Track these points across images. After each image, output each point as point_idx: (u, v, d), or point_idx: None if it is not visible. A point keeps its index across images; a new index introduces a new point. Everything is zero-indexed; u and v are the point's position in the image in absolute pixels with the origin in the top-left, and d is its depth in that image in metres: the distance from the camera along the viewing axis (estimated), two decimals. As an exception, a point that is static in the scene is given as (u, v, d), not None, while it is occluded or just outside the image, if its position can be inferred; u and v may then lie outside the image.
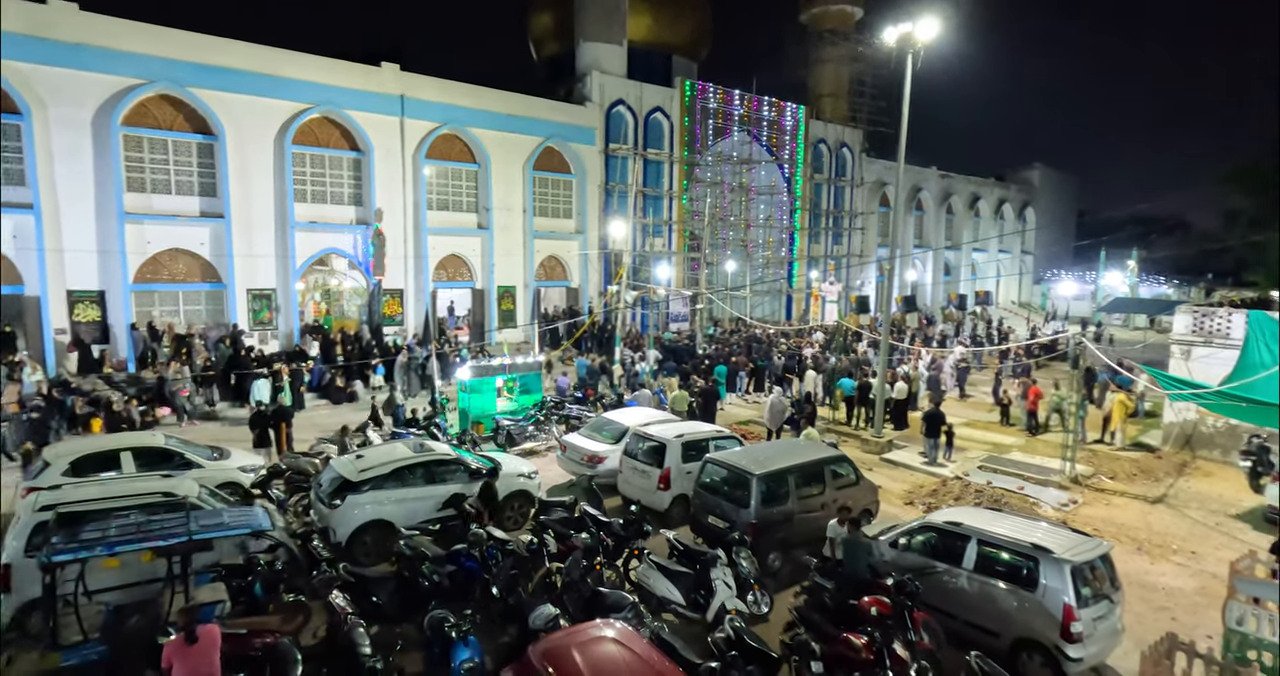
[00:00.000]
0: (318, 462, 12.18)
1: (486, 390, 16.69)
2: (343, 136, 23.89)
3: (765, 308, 38.29)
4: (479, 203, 27.34)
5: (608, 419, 14.06)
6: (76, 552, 6.59)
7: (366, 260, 24.32)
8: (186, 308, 21.66)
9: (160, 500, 8.46)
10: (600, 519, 9.96)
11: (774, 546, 9.82)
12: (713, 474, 10.62)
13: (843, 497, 10.53)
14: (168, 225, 20.68)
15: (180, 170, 21.01)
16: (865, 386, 18.42)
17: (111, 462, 10.80)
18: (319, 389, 19.83)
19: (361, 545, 9.74)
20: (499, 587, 8.21)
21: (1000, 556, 8.01)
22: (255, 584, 7.96)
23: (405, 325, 25.31)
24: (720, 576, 8.30)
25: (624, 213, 30.64)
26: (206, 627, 6.04)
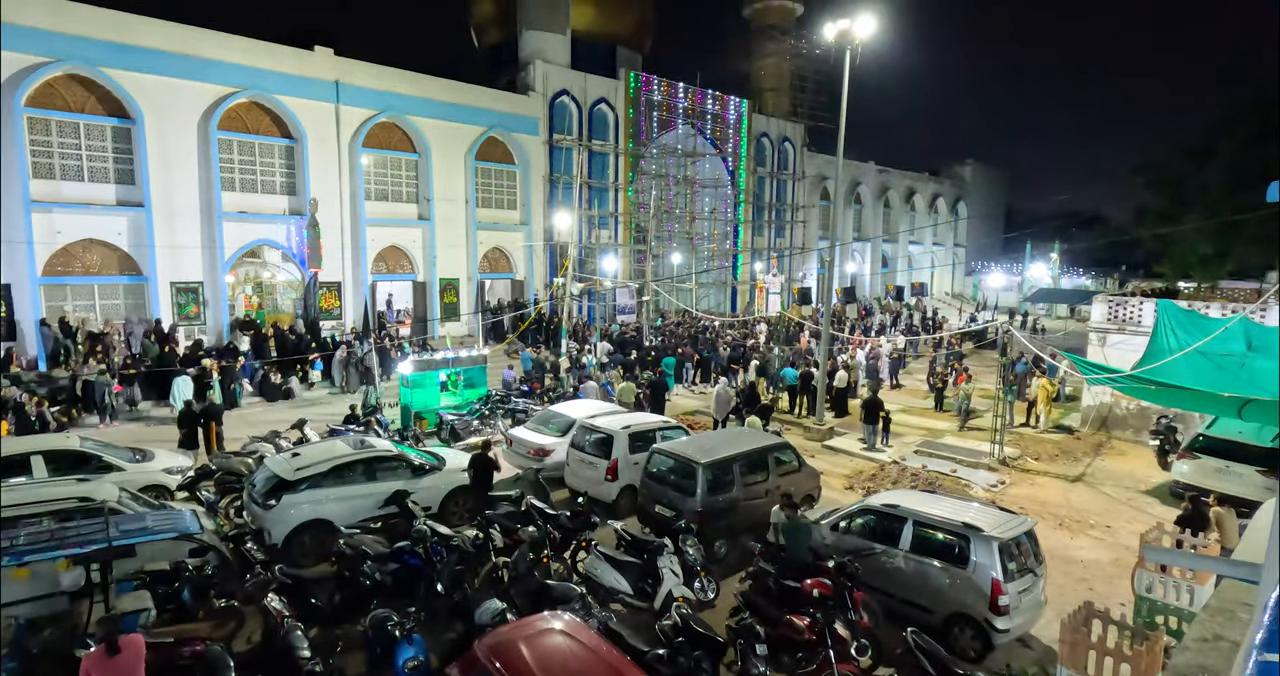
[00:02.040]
0: (250, 462, 11.70)
1: (429, 385, 16.34)
2: (273, 123, 22.90)
3: (711, 299, 38.71)
4: (419, 193, 26.67)
5: (554, 411, 13.97)
6: (-19, 563, 6.15)
7: (301, 252, 23.42)
8: (103, 301, 20.42)
9: (76, 506, 7.98)
10: (547, 511, 9.91)
11: (720, 533, 9.97)
12: (659, 464, 10.69)
13: (786, 484, 10.77)
14: (80, 214, 19.43)
15: (94, 156, 19.75)
16: (807, 375, 18.85)
17: (20, 467, 10.10)
18: (253, 386, 19.01)
19: (299, 545, 9.41)
20: (443, 584, 8.09)
21: (934, 536, 8.35)
22: (183, 590, 7.61)
23: (344, 319, 24.52)
24: (667, 565, 8.38)
25: (569, 204, 30.42)
26: (130, 637, 5.73)
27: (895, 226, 50.23)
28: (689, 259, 36.46)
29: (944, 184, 55.84)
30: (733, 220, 38.98)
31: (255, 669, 6.65)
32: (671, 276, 34.98)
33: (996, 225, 62.88)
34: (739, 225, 39.26)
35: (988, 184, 60.25)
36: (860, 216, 48.13)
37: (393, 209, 26.11)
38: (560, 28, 31.41)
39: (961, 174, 57.85)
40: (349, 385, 19.73)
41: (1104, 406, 17.44)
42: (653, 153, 34.61)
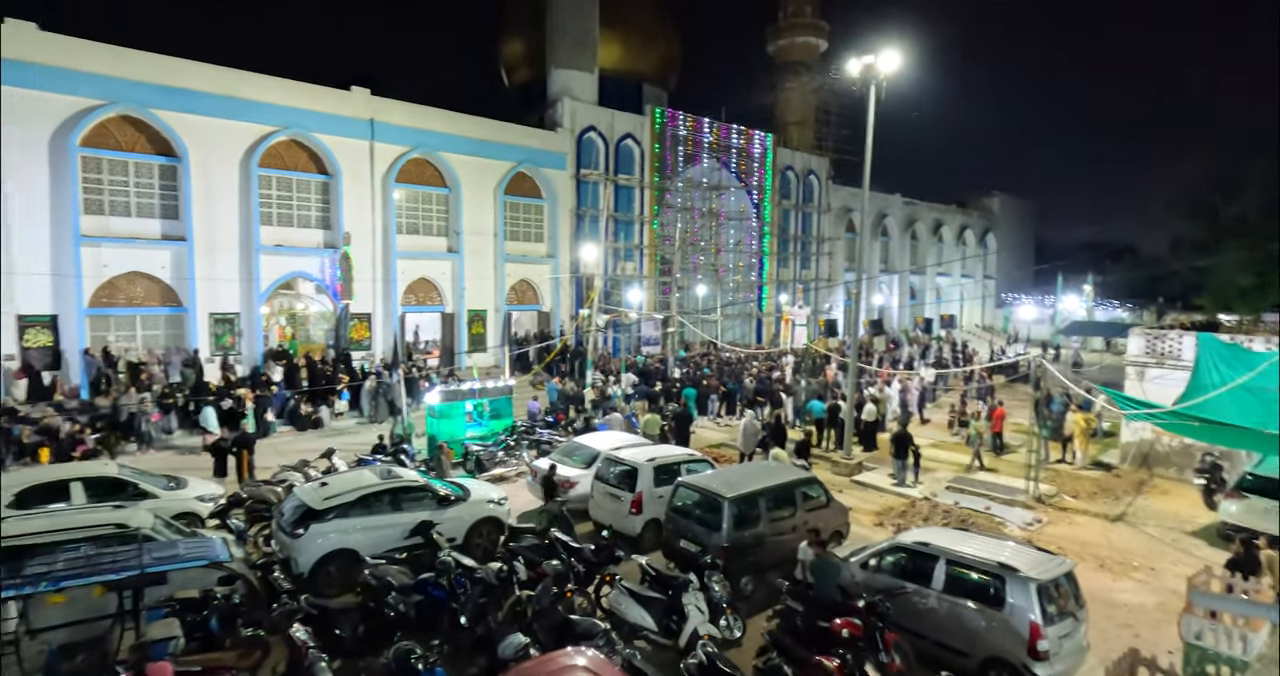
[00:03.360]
0: (280, 491, 11.83)
1: (456, 415, 16.47)
2: (311, 159, 23.73)
3: (736, 331, 38.64)
4: (449, 227, 27.27)
5: (579, 443, 13.95)
6: (20, 588, 6.28)
7: (334, 284, 24.00)
8: (144, 332, 21.07)
9: (112, 532, 8.14)
10: (571, 545, 9.82)
11: (746, 570, 9.78)
12: (685, 497, 10.58)
13: (813, 520, 10.56)
14: (126, 248, 20.21)
15: (141, 192, 20.62)
16: (834, 409, 18.62)
17: (60, 493, 10.37)
18: (283, 415, 19.34)
19: (325, 575, 9.44)
20: (467, 617, 8.03)
21: (968, 576, 8.09)
22: (211, 618, 7.64)
23: (374, 350, 24.93)
24: (693, 601, 8.23)
25: (595, 237, 30.82)
26: (158, 666, 5.79)
27: (922, 258, 49.91)
28: (714, 291, 36.55)
29: (972, 216, 55.50)
30: (758, 252, 39.11)
31: (279, 700, 6.64)
32: (696, 308, 35.05)
33: (1026, 257, 62.09)
34: (764, 257, 39.35)
35: (1016, 215, 59.73)
36: (887, 248, 47.95)
37: (423, 242, 26.71)
38: (588, 66, 32.28)
39: (989, 206, 57.48)
40: (377, 415, 19.98)
41: (1145, 443, 16.89)
42: (678, 186, 35.05)
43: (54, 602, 6.83)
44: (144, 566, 6.84)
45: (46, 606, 6.84)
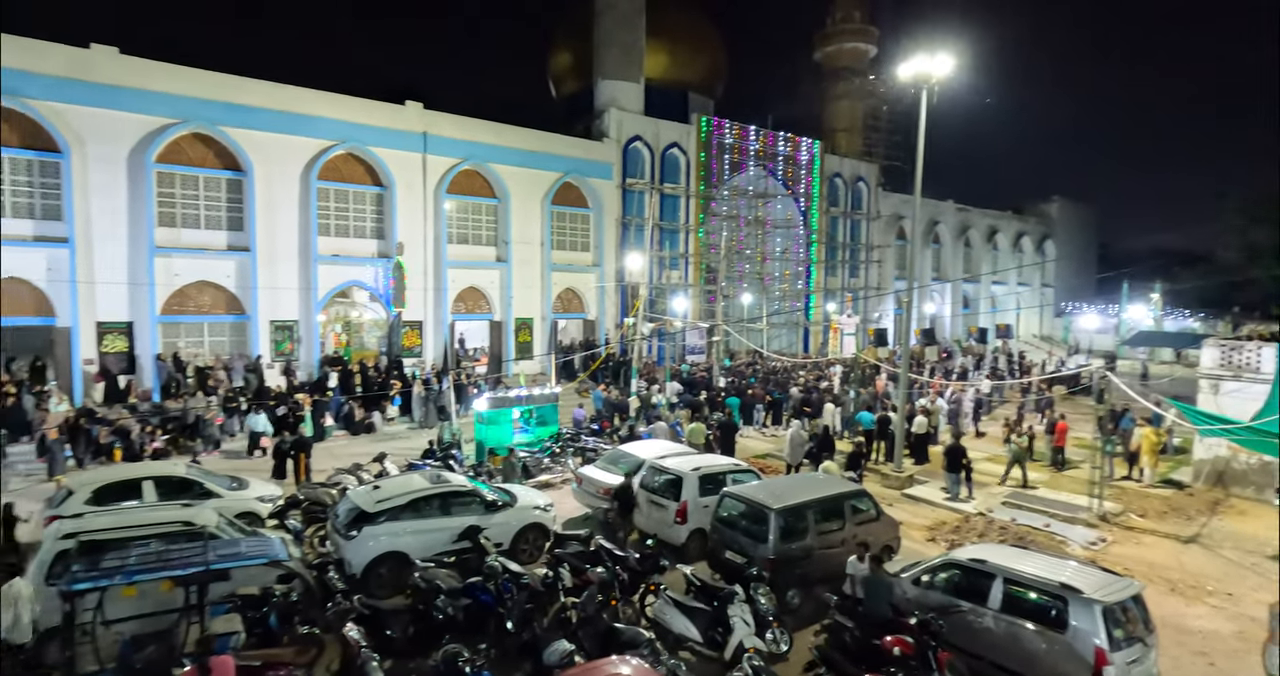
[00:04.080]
0: (335, 493, 12.19)
1: (503, 421, 16.71)
2: (366, 172, 24.53)
3: (782, 340, 38.19)
4: (498, 236, 27.79)
5: (623, 451, 13.97)
6: (96, 581, 6.62)
7: (387, 293, 24.70)
8: (211, 339, 22.07)
9: (180, 529, 8.52)
10: (616, 553, 9.83)
11: (793, 582, 9.62)
12: (730, 508, 10.48)
13: (863, 533, 10.31)
14: (196, 258, 21.23)
15: (210, 205, 21.65)
16: (885, 420, 18.20)
17: (133, 491, 10.91)
18: (338, 419, 19.95)
19: (377, 577, 9.66)
20: (513, 622, 8.11)
21: (1027, 595, 7.78)
22: (270, 615, 7.92)
23: (424, 356, 25.53)
24: (738, 613, 8.13)
25: (641, 246, 30.96)
26: (220, 659, 6.01)
27: (976, 266, 48.49)
28: (760, 299, 36.23)
29: (1029, 222, 53.69)
30: (805, 260, 38.65)
31: (332, 698, 6.82)
32: (742, 317, 34.81)
33: (1088, 264, 59.65)
34: (811, 265, 38.86)
35: (1077, 221, 57.48)
36: (939, 256, 46.78)
37: (472, 251, 27.28)
38: (634, 77, 32.57)
39: (1048, 211, 55.48)
40: (427, 420, 20.43)
41: (1220, 460, 15.97)
42: (724, 194, 34.96)
43: (127, 595, 7.17)
44: (209, 563, 7.12)
45: (120, 599, 7.20)
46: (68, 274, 18.85)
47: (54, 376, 19.26)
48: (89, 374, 19.38)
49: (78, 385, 19.14)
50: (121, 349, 20.03)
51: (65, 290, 18.93)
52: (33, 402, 16.85)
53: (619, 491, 11.66)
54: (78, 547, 7.65)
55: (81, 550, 7.61)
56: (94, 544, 7.77)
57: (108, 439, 15.83)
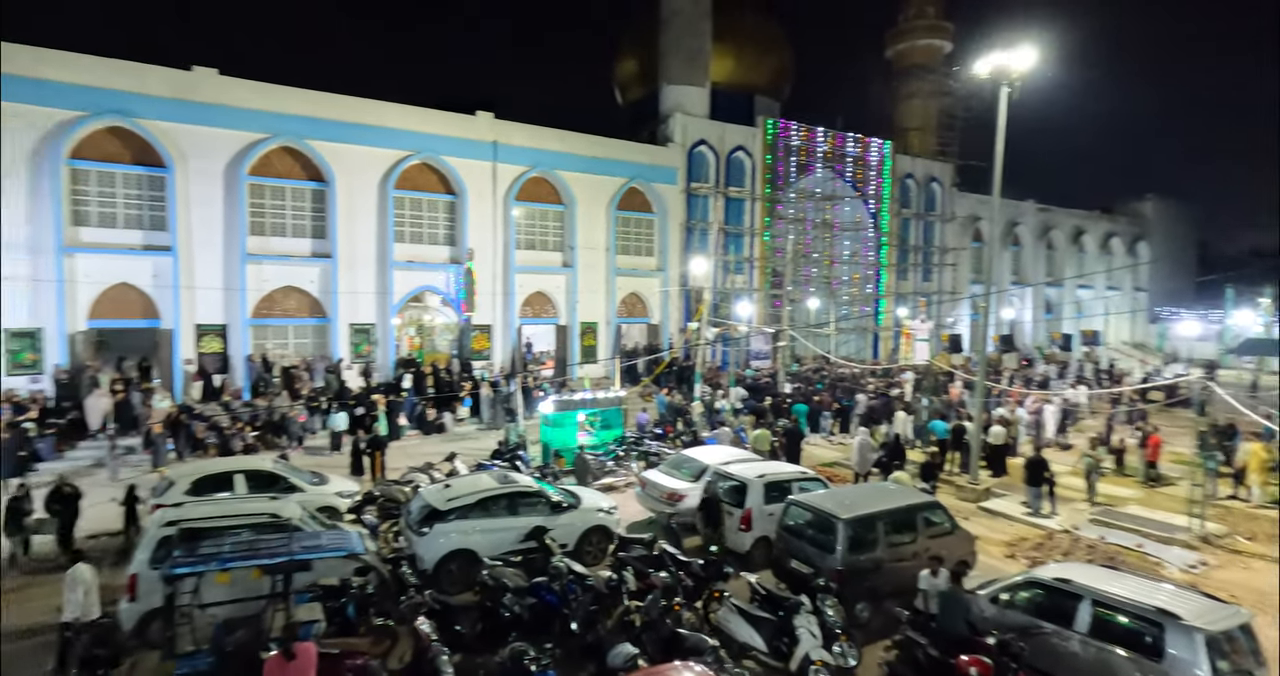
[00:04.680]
0: (408, 490, 12.64)
1: (568, 424, 16.94)
2: (439, 181, 25.40)
3: (851, 346, 37.26)
4: (564, 242, 28.25)
5: (687, 456, 13.93)
6: (195, 566, 7.08)
7: (458, 297, 25.48)
8: (296, 341, 23.31)
9: (267, 520, 9.01)
10: (680, 558, 9.81)
11: (862, 595, 9.36)
12: (796, 516, 10.29)
13: (936, 547, 9.94)
14: (283, 265, 22.47)
15: (295, 214, 22.89)
16: (959, 430, 17.49)
17: (226, 484, 11.62)
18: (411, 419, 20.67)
19: (447, 573, 9.95)
20: (578, 623, 8.20)
21: (1117, 619, 7.31)
22: (348, 606, 8.28)
23: (492, 360, 26.19)
24: (804, 624, 7.96)
25: (705, 250, 30.81)
26: (304, 645, 6.32)
27: (1060, 269, 46.01)
28: (827, 304, 35.46)
29: (1119, 222, 50.56)
30: (875, 264, 37.62)
31: (405, 688, 7.06)
32: (808, 322, 34.15)
33: (1186, 267, 55.59)
34: (881, 269, 37.79)
35: (1174, 221, 53.67)
36: (1018, 259, 44.65)
37: (539, 257, 27.82)
38: (700, 81, 32.54)
39: (1141, 211, 52.08)
40: (495, 422, 20.94)
41: (1340, 480, 14.58)
42: (790, 197, 34.44)
43: (220, 581, 7.65)
44: (293, 553, 7.50)
45: (214, 584, 7.68)
46: (171, 280, 20.30)
47: (158, 375, 20.75)
48: (188, 373, 20.79)
49: (178, 383, 20.56)
50: (217, 350, 21.40)
51: (169, 295, 20.39)
52: (140, 399, 18.20)
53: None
54: (178, 534, 8.21)
55: (181, 537, 8.16)
56: (192, 531, 8.33)
57: (204, 434, 16.94)
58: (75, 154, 19.27)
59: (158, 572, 7.61)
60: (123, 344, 21.01)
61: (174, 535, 8.30)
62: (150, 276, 20.37)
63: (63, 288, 18.86)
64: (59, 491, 11.27)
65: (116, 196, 20.14)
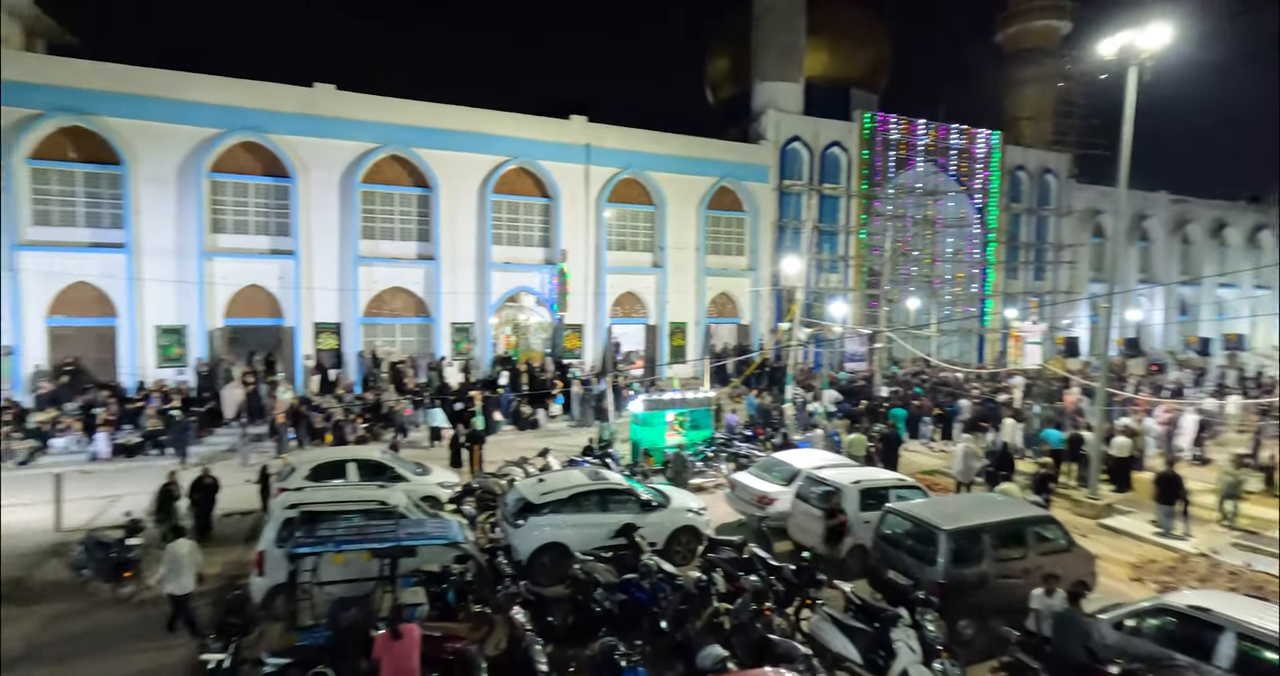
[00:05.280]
0: (504, 483, 13.10)
1: (657, 423, 17.02)
2: (534, 184, 26.16)
3: (953, 348, 35.38)
4: (655, 242, 28.41)
5: (778, 459, 13.69)
6: (314, 547, 7.63)
7: (551, 298, 26.17)
8: (402, 338, 24.69)
9: (376, 507, 9.59)
10: (770, 562, 9.65)
11: (966, 611, 8.85)
12: (894, 525, 9.88)
13: (1050, 564, 9.24)
14: (390, 267, 23.85)
15: (402, 219, 24.23)
16: (1077, 440, 16.23)
17: (340, 471, 12.46)
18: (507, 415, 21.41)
19: (540, 565, 10.24)
20: (667, 621, 8.22)
21: (1267, 657, 6.55)
22: (449, 592, 8.67)
23: (584, 358, 26.71)
24: (903, 638, 7.63)
25: (798, 249, 30.15)
26: (409, 626, 6.68)
27: (1197, 266, 41.74)
28: (928, 304, 33.82)
29: (1269, 213, 45.26)
30: (981, 262, 35.53)
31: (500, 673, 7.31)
32: (907, 323, 32.70)
33: (1353, 262, 49.03)
34: (988, 267, 35.65)
35: (1338, 210, 47.45)
36: (1147, 255, 40.93)
37: (630, 257, 28.12)
38: (794, 77, 31.86)
39: (1296, 200, 46.41)
40: (585, 419, 21.35)
41: None
42: (888, 193, 33.11)
43: (335, 562, 8.20)
44: (400, 539, 7.94)
45: (330, 564, 8.25)
46: (293, 281, 22.01)
47: (281, 369, 22.54)
48: (307, 367, 22.45)
49: (299, 377, 22.25)
50: (332, 346, 23.00)
51: (291, 295, 22.12)
52: (266, 391, 19.84)
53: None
54: (299, 517, 8.87)
55: (302, 519, 8.81)
56: (311, 514, 8.98)
57: (321, 424, 18.24)
58: (215, 167, 21.23)
59: (282, 551, 8.25)
60: (252, 340, 22.96)
61: (296, 517, 8.98)
62: (276, 278, 22.16)
63: (203, 289, 20.86)
64: (200, 481, 12.23)
65: (248, 205, 22.05)
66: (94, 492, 14.11)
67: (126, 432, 17.48)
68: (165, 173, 20.53)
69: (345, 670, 6.90)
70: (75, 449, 17.14)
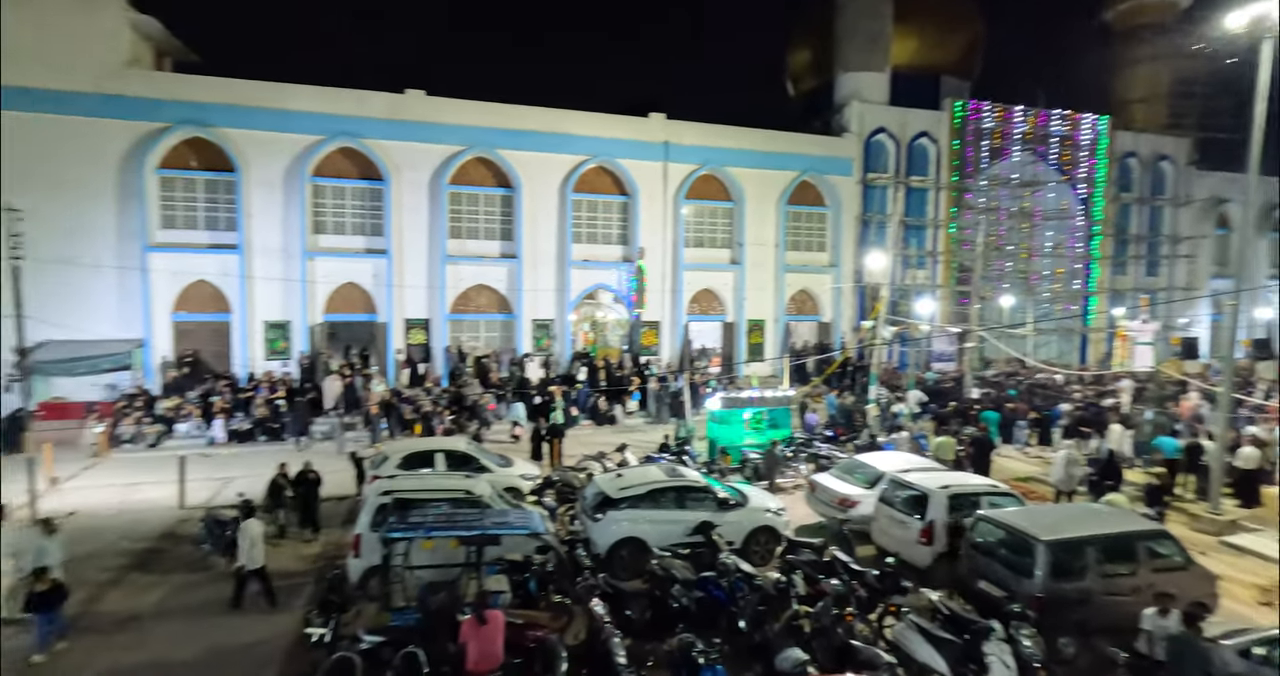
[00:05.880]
0: (583, 477, 13.33)
1: (734, 422, 16.86)
2: (613, 182, 26.41)
3: (1052, 348, 33.29)
4: (732, 238, 28.13)
5: (861, 461, 13.29)
6: (406, 532, 8.02)
7: (629, 294, 26.37)
8: (486, 334, 25.52)
9: (462, 496, 9.97)
10: (852, 566, 9.39)
11: (1066, 629, 8.33)
12: (987, 534, 9.42)
13: (1164, 583, 8.55)
14: (475, 265, 24.70)
15: (487, 219, 25.03)
16: (1195, 449, 14.94)
17: (428, 461, 13.02)
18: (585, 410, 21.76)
19: (618, 559, 10.35)
20: (745, 621, 8.14)
21: None
22: (530, 581, 8.91)
23: (660, 355, 26.80)
24: (996, 652, 7.27)
25: (883, 244, 29.10)
26: (494, 613, 6.92)
27: (1340, 259, 37.49)
28: (1024, 302, 31.93)
29: None
30: (1084, 256, 33.23)
31: (579, 664, 7.45)
32: (1001, 321, 31.00)
33: None
34: (1093, 262, 33.28)
35: None
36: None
37: (707, 254, 27.97)
38: (879, 66, 30.76)
39: None
40: (660, 416, 21.42)
41: None
42: (981, 184, 31.47)
43: (425, 547, 8.59)
44: (486, 528, 8.22)
45: (419, 549, 8.64)
46: (386, 279, 23.15)
47: (375, 363, 23.76)
48: (398, 361, 23.58)
49: (390, 370, 23.39)
50: (421, 341, 24.06)
51: (384, 292, 23.28)
52: (361, 383, 20.97)
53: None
54: (392, 503, 9.34)
55: (395, 505, 9.27)
56: (403, 501, 9.43)
57: (411, 416, 19.10)
58: (316, 172, 22.59)
59: (376, 535, 8.71)
60: (348, 335, 24.31)
61: (389, 503, 9.46)
62: (370, 276, 23.39)
63: (305, 286, 22.26)
64: (304, 475, 12.40)
65: (345, 207, 23.36)
66: (211, 474, 15.33)
67: (239, 420, 18.88)
68: (273, 178, 22.03)
69: (434, 651, 7.22)
70: (195, 433, 18.69)
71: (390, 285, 23.16)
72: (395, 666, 6.92)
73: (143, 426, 18.17)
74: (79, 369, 19.00)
